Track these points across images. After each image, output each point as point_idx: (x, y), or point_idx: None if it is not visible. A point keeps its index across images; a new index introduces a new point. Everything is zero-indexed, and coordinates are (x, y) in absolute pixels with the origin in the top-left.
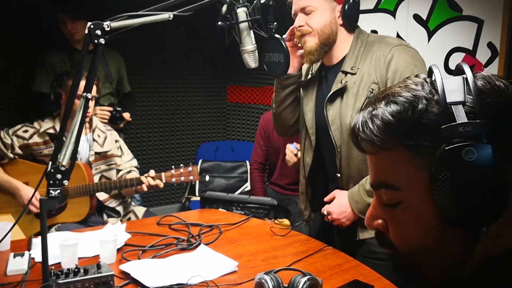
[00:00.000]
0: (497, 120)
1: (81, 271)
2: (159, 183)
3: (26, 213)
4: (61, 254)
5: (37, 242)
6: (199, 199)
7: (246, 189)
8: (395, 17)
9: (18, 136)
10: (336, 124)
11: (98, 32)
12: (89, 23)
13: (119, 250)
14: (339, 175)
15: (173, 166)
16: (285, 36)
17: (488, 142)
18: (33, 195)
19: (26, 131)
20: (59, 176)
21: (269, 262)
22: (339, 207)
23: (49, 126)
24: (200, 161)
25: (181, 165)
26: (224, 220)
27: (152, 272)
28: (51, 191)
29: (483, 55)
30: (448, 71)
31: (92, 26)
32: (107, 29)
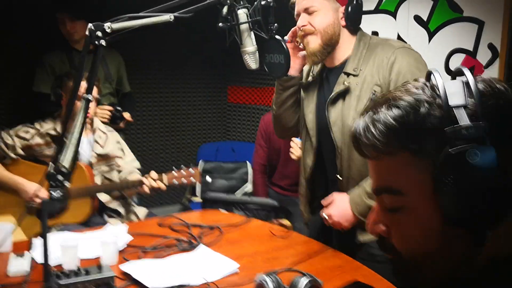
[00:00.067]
0: (498, 122)
1: (82, 272)
2: (161, 185)
3: (27, 213)
4: (62, 255)
5: (37, 243)
6: (200, 200)
7: (246, 189)
8: (395, 18)
9: (19, 137)
10: (337, 126)
11: (99, 33)
12: (90, 24)
13: (120, 251)
14: (339, 176)
15: (174, 168)
16: (286, 37)
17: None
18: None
19: (27, 132)
20: (60, 178)
21: (269, 263)
22: (339, 209)
23: (50, 127)
24: (201, 161)
25: (182, 166)
26: (225, 221)
27: (153, 273)
28: (53, 194)
29: (483, 56)
30: (449, 72)
31: (93, 28)
32: (108, 30)
